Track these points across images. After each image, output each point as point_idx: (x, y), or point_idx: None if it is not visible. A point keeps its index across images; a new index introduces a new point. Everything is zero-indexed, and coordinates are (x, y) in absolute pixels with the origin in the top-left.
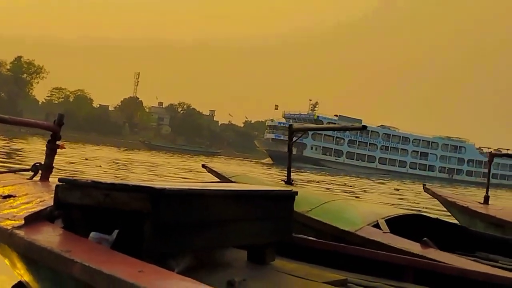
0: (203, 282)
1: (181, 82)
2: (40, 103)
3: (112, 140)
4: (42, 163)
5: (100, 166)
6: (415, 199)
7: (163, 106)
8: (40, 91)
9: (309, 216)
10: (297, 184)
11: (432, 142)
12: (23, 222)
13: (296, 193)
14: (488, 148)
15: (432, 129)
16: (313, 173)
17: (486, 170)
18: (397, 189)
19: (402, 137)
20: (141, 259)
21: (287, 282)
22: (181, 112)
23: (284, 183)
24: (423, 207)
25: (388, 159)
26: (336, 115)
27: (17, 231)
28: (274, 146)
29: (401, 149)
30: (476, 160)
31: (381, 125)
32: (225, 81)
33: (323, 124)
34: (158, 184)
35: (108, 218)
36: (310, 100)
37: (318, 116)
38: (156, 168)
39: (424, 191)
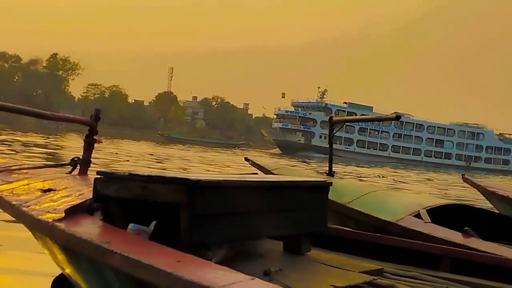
0: (239, 271)
1: (215, 76)
2: (76, 99)
3: (147, 134)
4: (80, 157)
5: (128, 160)
6: (448, 189)
7: (197, 101)
8: (76, 88)
9: (350, 207)
10: (338, 175)
11: (448, 128)
12: (63, 215)
13: (331, 183)
14: (509, 134)
15: (449, 116)
16: (323, 162)
17: (506, 157)
18: (429, 179)
19: (416, 124)
20: (178, 250)
21: (323, 271)
22: (215, 106)
23: (326, 174)
24: (461, 196)
25: (401, 147)
26: (345, 103)
27: (58, 224)
28: (281, 135)
29: (415, 136)
30: (495, 147)
31: (395, 112)
32: (259, 75)
33: (331, 111)
34: (194, 176)
35: (145, 210)
36: (319, 87)
37: (326, 104)
38: (187, 162)
39: (463, 181)
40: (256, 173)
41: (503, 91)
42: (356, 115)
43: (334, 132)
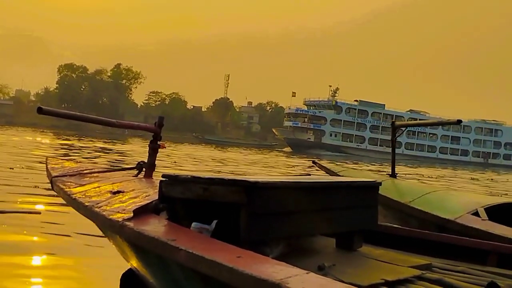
0: (295, 266)
1: (268, 81)
2: (138, 106)
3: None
4: (145, 161)
5: (175, 162)
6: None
7: (252, 106)
8: (139, 95)
9: (411, 206)
10: (400, 177)
11: (464, 126)
12: (131, 214)
13: (380, 183)
14: None
15: (468, 113)
16: (335, 160)
17: None
18: (473, 178)
19: None
20: (238, 246)
21: (374, 266)
22: (269, 110)
23: (388, 176)
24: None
25: (415, 144)
26: (356, 100)
27: (127, 223)
28: (292, 134)
29: (430, 133)
30: None
31: (410, 110)
32: (311, 78)
33: (342, 109)
34: (252, 178)
35: (207, 210)
36: (330, 86)
37: (336, 102)
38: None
39: None
40: (309, 174)
41: None
42: (368, 112)
43: (397, 136)
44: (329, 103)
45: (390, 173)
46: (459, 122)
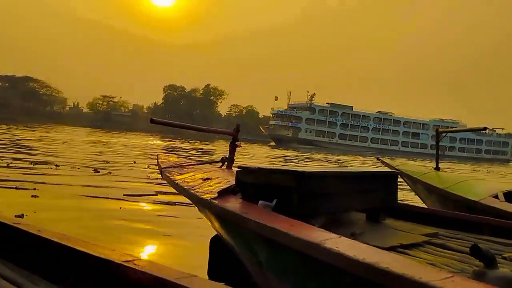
0: (334, 233)
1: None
2: (223, 116)
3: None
4: (227, 157)
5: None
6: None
7: None
8: (223, 108)
9: (448, 190)
10: (443, 169)
11: (424, 124)
12: (216, 195)
13: (399, 172)
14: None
15: (428, 114)
16: (309, 152)
17: (478, 147)
18: (489, 171)
19: (394, 120)
20: (292, 218)
21: (393, 234)
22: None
23: (433, 169)
24: None
25: (380, 139)
26: (328, 103)
27: (213, 201)
28: (275, 131)
29: (393, 130)
30: (468, 138)
31: (378, 111)
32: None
33: (315, 110)
34: (300, 169)
35: (269, 191)
36: (308, 92)
37: (310, 104)
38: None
39: None
40: (346, 166)
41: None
42: (338, 113)
43: (440, 139)
44: (306, 105)
45: (435, 167)
46: (484, 128)
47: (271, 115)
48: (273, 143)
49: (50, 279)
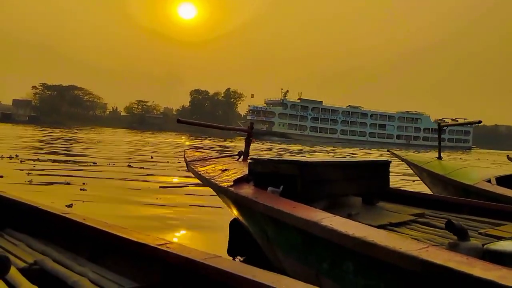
0: (332, 214)
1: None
2: (242, 115)
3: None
4: (243, 151)
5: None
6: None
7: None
8: (242, 108)
9: (448, 177)
10: (445, 159)
11: (389, 116)
12: (232, 183)
13: (390, 162)
14: (448, 118)
15: (395, 107)
16: (282, 144)
17: (442, 136)
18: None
19: (361, 113)
20: (296, 201)
21: (385, 214)
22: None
23: (436, 158)
24: None
25: (349, 131)
26: (299, 99)
27: (230, 188)
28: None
29: (360, 122)
30: (431, 128)
31: (349, 105)
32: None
33: (287, 106)
34: (303, 159)
35: (277, 179)
36: (282, 89)
37: (283, 100)
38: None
39: (508, 159)
40: (345, 157)
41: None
42: (308, 107)
43: (442, 132)
44: (279, 101)
45: (437, 156)
46: (479, 122)
47: (249, 110)
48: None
49: (94, 261)
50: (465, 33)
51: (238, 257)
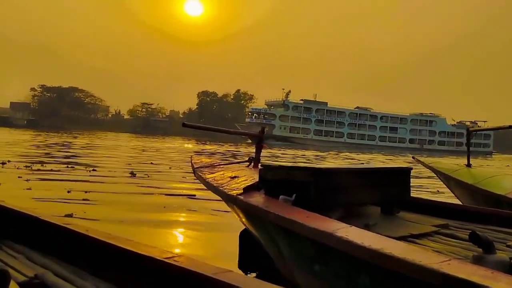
0: (348, 224)
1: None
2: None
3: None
4: (253, 157)
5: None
6: None
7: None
8: None
9: (477, 186)
10: (475, 166)
11: (401, 118)
12: (242, 191)
13: (411, 168)
14: (466, 121)
15: (407, 109)
16: (283, 148)
17: (459, 140)
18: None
19: (370, 115)
20: (310, 211)
21: (405, 225)
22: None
23: (465, 166)
24: None
25: (356, 134)
26: (301, 100)
27: (239, 197)
28: (249, 128)
29: (369, 125)
30: (448, 131)
31: (357, 107)
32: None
33: (289, 107)
34: (317, 165)
35: (289, 186)
36: (283, 89)
37: (284, 101)
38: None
39: None
40: (363, 163)
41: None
42: (312, 109)
43: (471, 137)
44: (280, 102)
45: (466, 164)
46: (510, 127)
47: (248, 112)
48: (249, 141)
49: (97, 275)
50: (483, 33)
51: (250, 271)
